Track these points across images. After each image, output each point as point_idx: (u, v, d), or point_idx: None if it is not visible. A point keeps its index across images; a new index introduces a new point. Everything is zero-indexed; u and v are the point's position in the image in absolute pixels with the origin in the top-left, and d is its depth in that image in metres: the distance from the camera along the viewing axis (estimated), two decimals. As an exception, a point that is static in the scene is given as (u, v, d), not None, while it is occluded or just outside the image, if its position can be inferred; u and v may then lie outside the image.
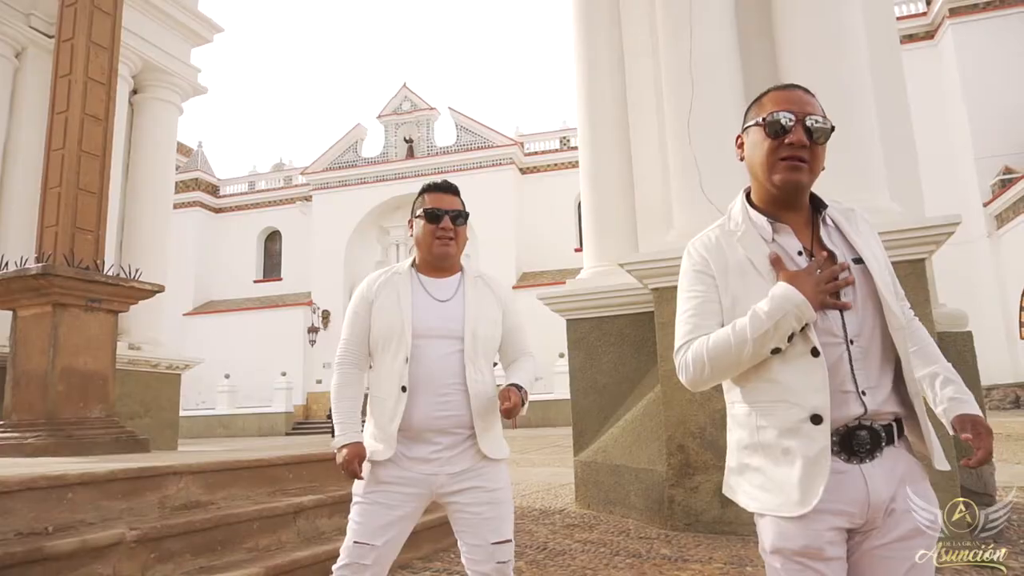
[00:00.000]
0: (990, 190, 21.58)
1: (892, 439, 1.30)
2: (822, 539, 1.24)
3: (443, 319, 1.99)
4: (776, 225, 1.38)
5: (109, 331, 5.04)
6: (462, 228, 2.07)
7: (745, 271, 1.37)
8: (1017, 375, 20.47)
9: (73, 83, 5.12)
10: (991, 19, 22.89)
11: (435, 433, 1.95)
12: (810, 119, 1.35)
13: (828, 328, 1.29)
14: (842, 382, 1.28)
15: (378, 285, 2.06)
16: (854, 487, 1.25)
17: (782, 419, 1.29)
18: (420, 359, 1.95)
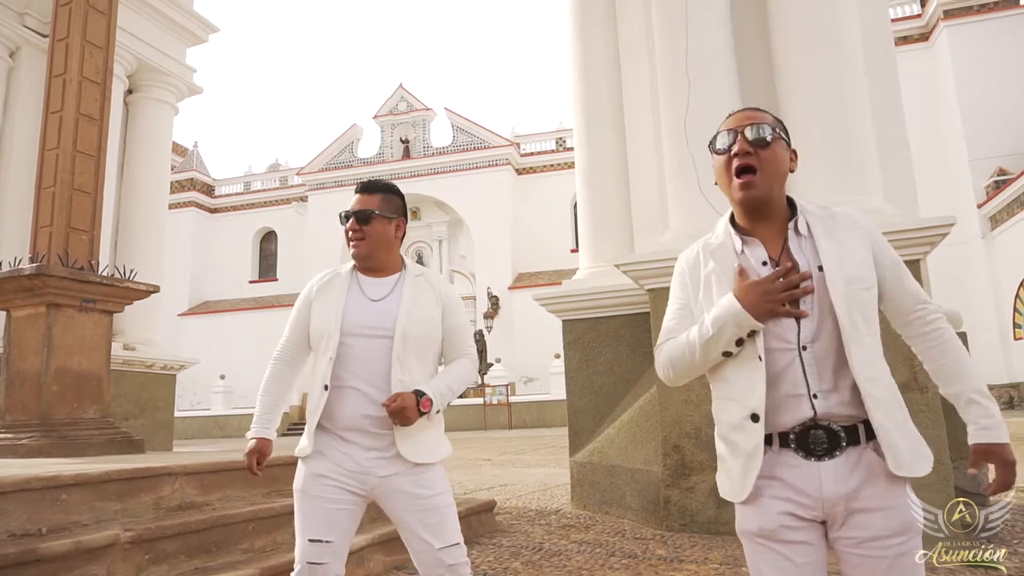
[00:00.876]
0: (984, 191, 21.67)
1: (857, 440, 1.35)
2: (775, 522, 1.35)
3: (374, 318, 1.98)
4: (745, 238, 1.48)
5: (104, 331, 5.02)
6: (373, 226, 2.03)
7: (710, 283, 1.48)
8: (1012, 375, 20.56)
9: (68, 83, 5.11)
10: (985, 21, 23.00)
11: (358, 433, 1.93)
12: (748, 129, 1.45)
13: (781, 334, 1.38)
14: (794, 385, 1.36)
15: (319, 286, 2.09)
16: (806, 481, 1.34)
17: (731, 415, 1.43)
18: (347, 358, 1.94)
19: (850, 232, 1.45)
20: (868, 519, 1.32)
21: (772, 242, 1.46)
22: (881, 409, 1.34)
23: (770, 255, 1.44)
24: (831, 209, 1.50)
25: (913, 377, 3.86)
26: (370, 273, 2.08)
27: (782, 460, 1.37)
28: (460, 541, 1.96)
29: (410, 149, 31.89)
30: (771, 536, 1.37)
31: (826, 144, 4.61)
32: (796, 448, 1.36)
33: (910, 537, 1.33)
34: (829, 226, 1.45)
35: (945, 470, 3.79)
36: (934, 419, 3.84)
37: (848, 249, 1.41)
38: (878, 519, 1.32)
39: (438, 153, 31.49)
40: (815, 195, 4.59)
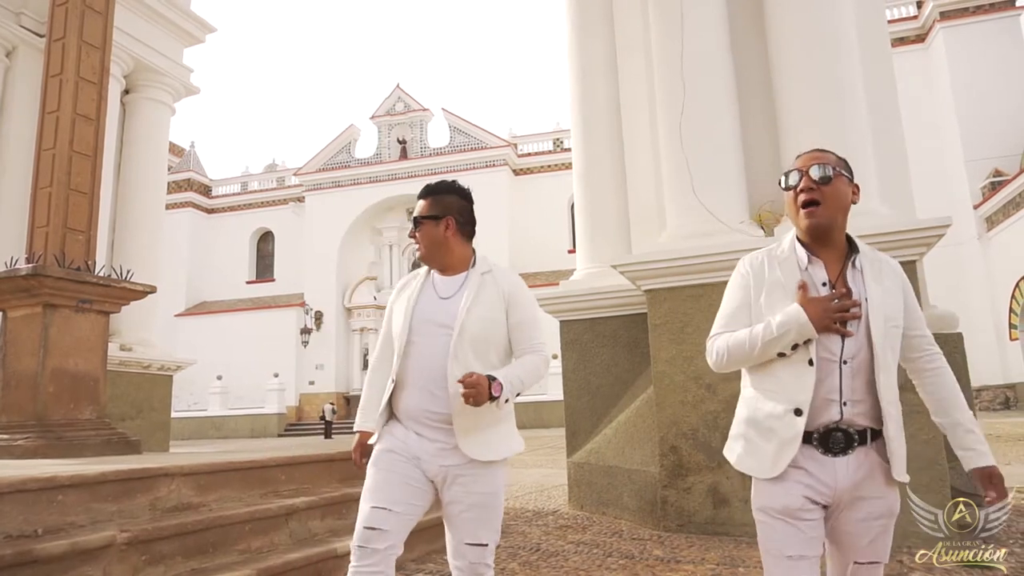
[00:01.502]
0: (980, 192, 21.74)
1: (865, 442, 1.63)
2: (796, 503, 1.62)
3: (438, 314, 2.03)
4: (811, 258, 1.71)
5: (100, 332, 5.01)
6: (422, 230, 2.10)
7: (774, 289, 1.70)
8: (1007, 376, 20.62)
9: (64, 83, 5.10)
10: (981, 23, 23.08)
11: (421, 425, 2.00)
12: (813, 168, 1.69)
13: (828, 347, 1.63)
14: (830, 391, 1.62)
15: (398, 289, 2.20)
16: (826, 473, 1.62)
17: (773, 407, 1.66)
18: (412, 354, 2.02)
19: (891, 278, 1.70)
20: (867, 504, 1.63)
21: (831, 267, 1.70)
22: (893, 425, 1.63)
23: (829, 277, 1.68)
24: (879, 254, 1.76)
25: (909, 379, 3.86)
26: (441, 272, 2.14)
27: (805, 454, 1.62)
28: (488, 543, 2.00)
29: (407, 150, 31.88)
30: (792, 514, 1.62)
31: (822, 144, 4.59)
32: (818, 445, 1.62)
33: (891, 518, 1.67)
34: (876, 269, 1.70)
35: (942, 471, 3.80)
36: (929, 420, 3.84)
37: (888, 291, 1.67)
38: (874, 505, 1.64)
39: (435, 154, 31.49)
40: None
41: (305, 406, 30.38)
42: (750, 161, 4.99)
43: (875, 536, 1.65)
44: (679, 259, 4.63)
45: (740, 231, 4.68)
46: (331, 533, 3.71)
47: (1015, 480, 6.13)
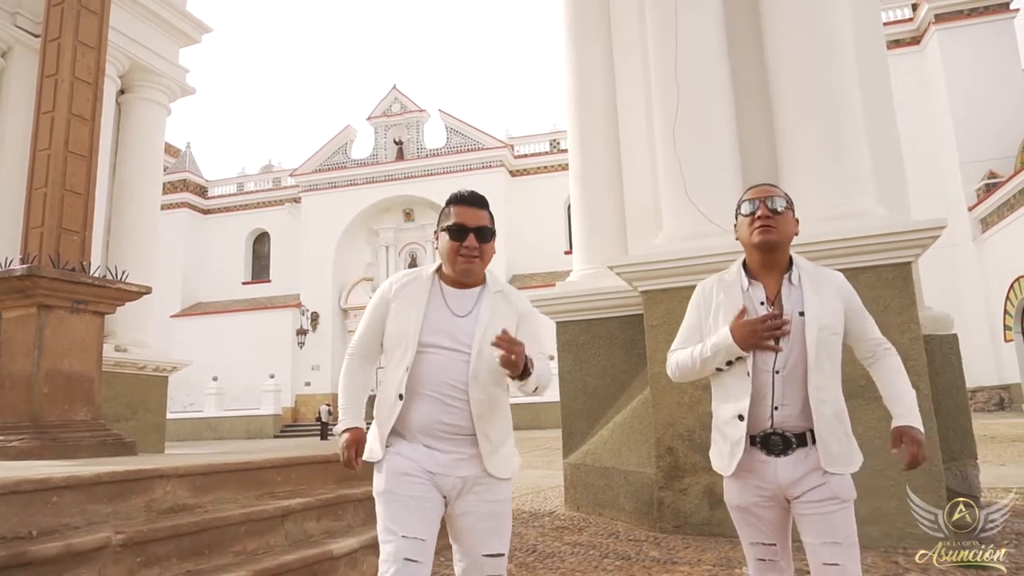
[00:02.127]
0: (975, 194, 21.81)
1: (805, 444, 1.84)
2: (749, 500, 1.90)
3: (454, 334, 1.94)
4: (752, 281, 1.95)
5: (95, 333, 5.00)
6: (488, 244, 1.99)
7: (719, 310, 1.95)
8: (1002, 377, 20.68)
9: (59, 83, 5.08)
10: (976, 25, 23.17)
11: (433, 439, 1.92)
12: (770, 200, 1.92)
13: (763, 358, 1.85)
14: (764, 398, 1.85)
15: (398, 287, 2.04)
16: (768, 472, 1.86)
17: (726, 413, 1.93)
18: (422, 369, 1.91)
19: (831, 289, 1.90)
20: (810, 494, 1.83)
21: (771, 287, 1.92)
22: (822, 423, 1.82)
23: (768, 296, 1.91)
24: (819, 267, 1.97)
25: (905, 379, 3.88)
26: (455, 285, 2.01)
27: (754, 456, 1.87)
28: (505, 553, 1.98)
29: (404, 150, 31.87)
30: (747, 509, 1.91)
31: (818, 147, 4.63)
32: (760, 447, 1.86)
33: (839, 503, 1.82)
34: (816, 282, 1.90)
35: (937, 471, 3.81)
36: (925, 421, 3.83)
37: (826, 302, 1.87)
38: (816, 492, 1.82)
39: (432, 155, 31.48)
40: (808, 197, 4.62)
41: (301, 407, 30.33)
42: (746, 163, 5.00)
43: (825, 518, 1.81)
44: (675, 260, 4.63)
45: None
46: (327, 534, 3.70)
47: (1010, 481, 6.15)
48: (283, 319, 31.01)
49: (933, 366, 4.42)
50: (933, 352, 4.48)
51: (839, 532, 1.81)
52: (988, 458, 7.93)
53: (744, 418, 1.85)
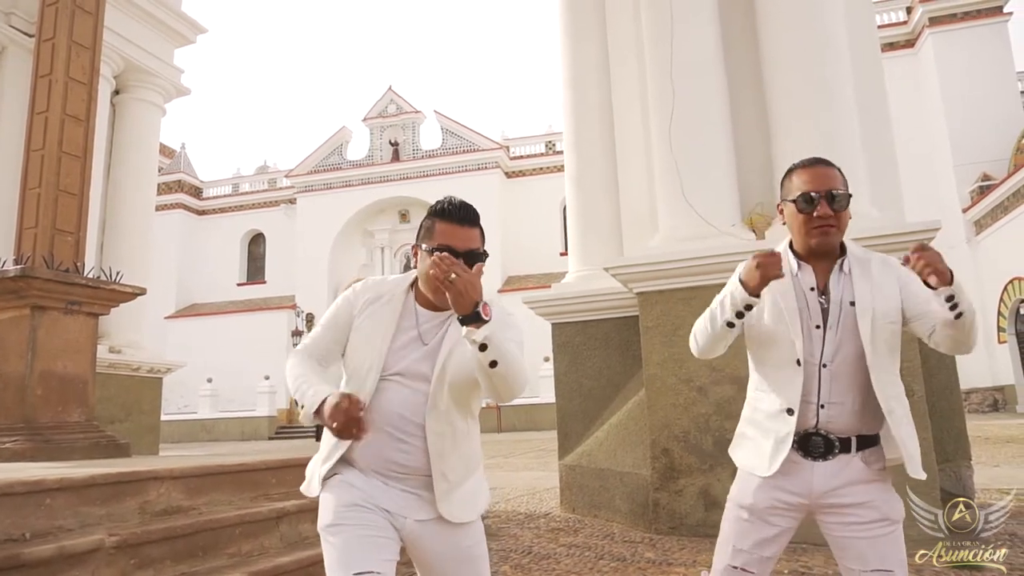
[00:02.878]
0: (969, 196, 21.91)
1: (848, 450, 1.66)
2: (763, 503, 1.70)
3: (418, 362, 1.69)
4: (801, 264, 1.76)
5: (89, 334, 4.98)
6: (479, 266, 1.66)
7: (765, 294, 1.72)
8: (996, 379, 20.77)
9: (54, 83, 5.06)
10: (969, 29, 23.28)
11: (385, 477, 1.68)
12: (831, 194, 1.69)
13: (810, 349, 1.69)
14: (808, 393, 1.68)
15: (365, 300, 1.75)
16: (802, 476, 1.68)
17: (770, 405, 1.74)
18: (380, 400, 1.66)
19: (883, 273, 1.71)
20: (853, 511, 1.64)
21: (821, 273, 1.74)
22: (898, 423, 1.64)
23: (817, 283, 1.73)
24: (869, 252, 1.77)
25: (899, 380, 3.89)
26: (430, 306, 1.73)
27: (788, 456, 1.68)
28: None
29: (399, 152, 31.84)
30: (756, 512, 1.71)
31: (812, 149, 4.61)
32: (798, 448, 1.68)
33: (891, 525, 1.63)
34: (865, 268, 1.71)
35: (931, 472, 3.82)
36: (920, 421, 3.86)
37: (879, 288, 1.68)
38: (862, 511, 1.63)
39: (427, 156, 31.46)
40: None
41: (296, 409, 30.25)
42: (741, 164, 5.01)
43: (873, 543, 1.62)
44: (671, 262, 4.64)
45: (731, 234, 4.70)
46: (322, 536, 3.69)
47: (1004, 482, 6.17)
48: (278, 320, 30.94)
49: (928, 367, 4.44)
50: (928, 354, 4.49)
51: (890, 558, 1.61)
52: (982, 459, 7.96)
53: (794, 412, 1.67)
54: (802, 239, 1.73)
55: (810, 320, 1.70)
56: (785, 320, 1.71)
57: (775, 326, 1.73)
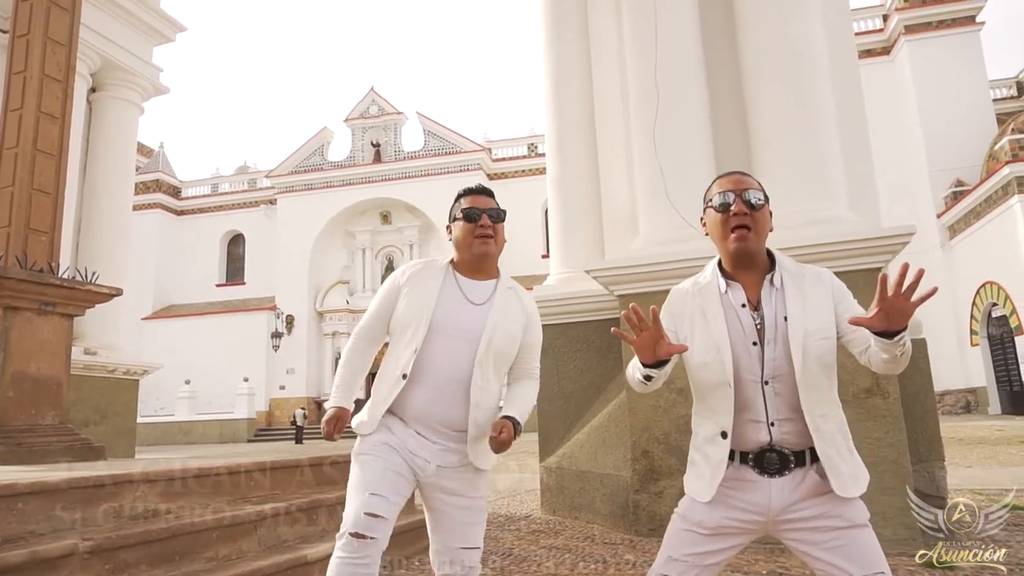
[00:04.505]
0: (943, 202, 22.30)
1: (803, 463, 1.64)
2: (713, 521, 1.67)
3: (465, 319, 1.98)
4: (729, 282, 1.73)
5: (63, 335, 4.90)
6: (500, 226, 2.08)
7: (695, 316, 1.74)
8: (968, 381, 21.15)
9: (28, 80, 4.99)
10: (944, 37, 23.71)
11: (425, 427, 1.96)
12: (747, 193, 1.69)
13: (749, 367, 1.66)
14: (755, 412, 1.65)
15: (411, 273, 2.08)
16: (759, 493, 1.64)
17: (706, 430, 1.72)
18: (430, 353, 1.95)
19: (817, 289, 1.69)
20: (817, 522, 1.61)
21: (751, 289, 1.71)
22: (826, 441, 1.62)
23: (748, 299, 1.70)
24: (803, 266, 1.75)
25: (875, 383, 3.94)
26: (470, 275, 2.06)
27: (741, 475, 1.66)
28: (481, 546, 2.03)
29: (381, 153, 31.72)
30: (705, 527, 1.67)
31: (792, 153, 4.70)
32: (754, 465, 1.65)
33: (859, 529, 1.61)
34: (799, 282, 1.69)
35: (905, 473, 3.88)
36: (895, 423, 3.93)
37: (813, 304, 1.66)
38: (826, 522, 1.61)
39: (409, 157, 31.38)
40: (782, 202, 4.67)
41: (275, 411, 29.99)
42: (722, 168, 5.05)
43: (850, 549, 1.60)
44: (652, 264, 4.67)
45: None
46: (301, 540, 3.66)
47: (976, 482, 6.28)
48: (258, 322, 30.66)
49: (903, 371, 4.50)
50: (902, 356, 4.55)
51: (874, 560, 1.59)
52: (955, 460, 8.10)
53: (728, 435, 1.65)
54: (723, 246, 1.72)
55: (745, 338, 1.67)
56: (715, 342, 1.68)
57: (705, 350, 1.70)
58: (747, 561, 3.62)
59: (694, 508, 1.71)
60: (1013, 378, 19.34)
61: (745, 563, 3.58)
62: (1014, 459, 8.47)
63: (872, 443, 3.88)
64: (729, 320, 1.68)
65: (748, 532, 1.68)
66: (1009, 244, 18.46)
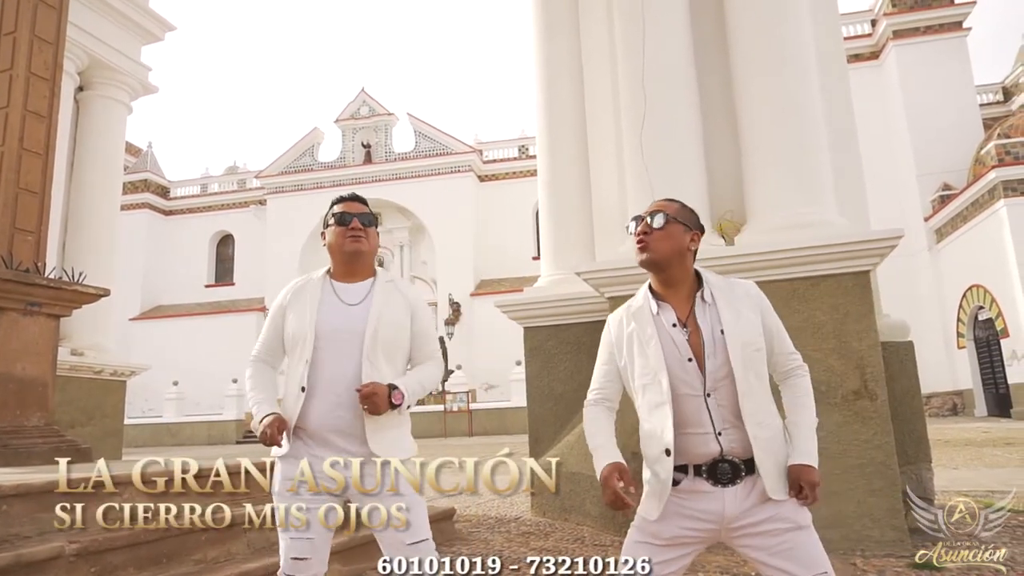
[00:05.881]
0: (930, 205, 22.49)
1: (752, 470, 1.69)
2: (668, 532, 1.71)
3: (347, 321, 2.04)
4: (660, 304, 1.79)
5: (49, 336, 4.86)
6: (372, 230, 2.14)
7: (632, 341, 1.80)
8: (955, 383, 21.33)
9: (15, 78, 4.95)
10: (931, 42, 23.91)
11: (334, 434, 2.00)
12: (651, 216, 1.80)
13: (689, 383, 1.71)
14: (702, 425, 1.70)
15: (293, 292, 2.14)
16: (713, 503, 1.69)
17: (652, 450, 1.76)
18: (321, 361, 2.01)
19: (746, 303, 1.77)
20: (765, 526, 1.67)
21: (681, 307, 1.78)
22: (763, 448, 1.68)
23: (679, 317, 1.76)
24: (731, 280, 1.83)
25: (863, 385, 3.96)
26: (345, 279, 2.13)
27: (695, 486, 1.70)
28: (429, 537, 2.03)
29: (372, 154, 31.64)
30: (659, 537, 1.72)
31: (781, 157, 4.72)
32: (707, 477, 1.69)
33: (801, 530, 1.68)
34: (729, 296, 1.77)
35: (892, 475, 3.91)
36: (883, 426, 3.96)
37: (743, 317, 1.74)
38: (773, 524, 1.67)
39: (400, 158, 31.30)
40: (771, 207, 4.70)
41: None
42: (712, 171, 5.07)
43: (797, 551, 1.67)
44: (642, 267, 4.67)
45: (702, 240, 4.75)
46: (290, 542, 3.64)
47: (961, 484, 6.33)
48: (247, 323, 30.47)
49: (890, 372, 4.54)
50: (890, 358, 4.59)
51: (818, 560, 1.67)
52: (942, 461, 8.16)
53: (671, 452, 1.69)
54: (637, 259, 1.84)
55: (680, 356, 1.73)
56: (652, 365, 1.75)
57: (644, 373, 1.78)
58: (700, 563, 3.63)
59: (647, 522, 1.77)
60: (999, 380, 19.52)
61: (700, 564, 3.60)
62: (999, 460, 8.55)
63: (860, 445, 3.91)
64: (663, 340, 1.75)
65: (702, 540, 1.74)
66: (995, 248, 18.64)
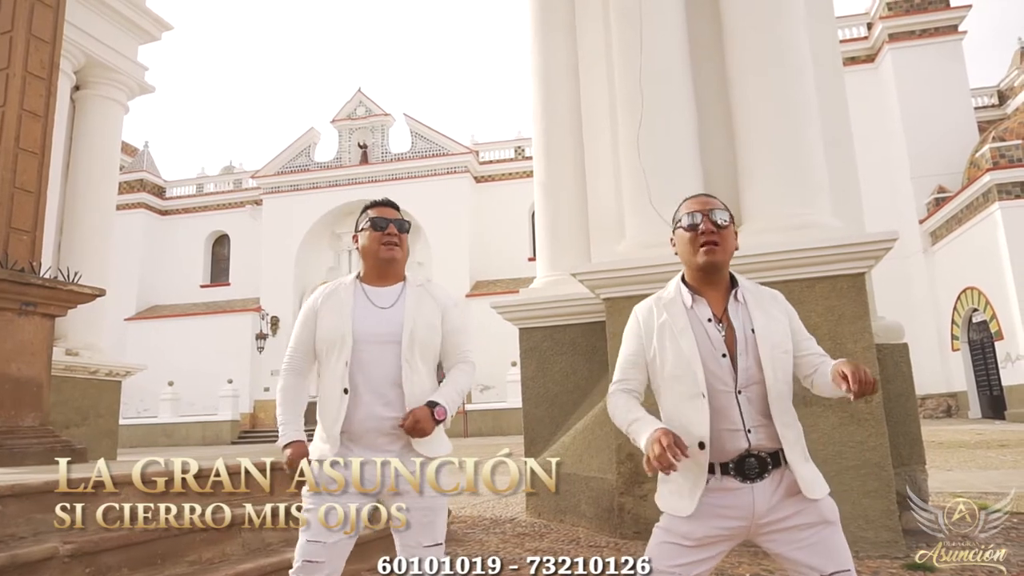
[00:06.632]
0: (925, 208, 22.57)
1: (779, 464, 1.70)
2: (700, 532, 1.69)
3: (383, 324, 2.08)
4: (695, 297, 1.81)
5: (44, 336, 4.85)
6: (405, 236, 2.18)
7: (663, 332, 1.80)
8: (950, 385, 21.40)
9: (11, 77, 4.94)
10: (927, 45, 24.01)
11: (377, 434, 2.04)
12: (716, 213, 1.81)
13: (722, 378, 1.72)
14: (732, 421, 1.70)
15: (324, 296, 2.17)
16: (742, 500, 1.68)
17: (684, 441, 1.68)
18: (360, 363, 2.05)
19: (775, 307, 1.81)
20: (794, 520, 1.68)
21: (716, 304, 1.80)
22: (793, 448, 1.70)
23: (714, 313, 1.78)
24: (758, 285, 1.88)
25: (858, 386, 3.98)
26: (376, 283, 2.17)
27: (724, 484, 1.69)
28: (443, 542, 2.09)
29: (368, 154, 31.61)
30: (690, 538, 1.70)
31: (776, 159, 4.74)
32: (735, 473, 1.68)
33: (829, 525, 1.68)
34: (759, 299, 1.81)
35: (887, 476, 3.92)
36: (877, 427, 3.97)
37: (772, 319, 1.78)
38: (802, 518, 1.68)
39: (396, 159, 31.28)
40: (766, 209, 4.72)
41: (260, 413, 29.76)
42: (708, 173, 5.09)
43: (823, 546, 1.68)
44: (637, 268, 4.69)
45: (697, 242, 4.76)
46: (285, 543, 3.64)
47: (955, 486, 6.36)
48: (242, 323, 30.42)
49: (884, 374, 4.56)
50: (884, 360, 4.61)
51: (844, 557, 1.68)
52: (936, 463, 8.19)
53: (706, 446, 1.68)
54: (691, 259, 1.82)
55: (714, 351, 1.74)
56: (686, 356, 1.75)
57: (677, 363, 1.77)
58: (731, 564, 3.65)
59: (677, 521, 1.74)
60: (993, 383, 19.60)
61: (729, 566, 3.61)
62: (993, 462, 8.58)
63: (855, 447, 3.92)
64: (697, 333, 1.75)
65: (732, 538, 1.73)
66: (990, 250, 18.72)
